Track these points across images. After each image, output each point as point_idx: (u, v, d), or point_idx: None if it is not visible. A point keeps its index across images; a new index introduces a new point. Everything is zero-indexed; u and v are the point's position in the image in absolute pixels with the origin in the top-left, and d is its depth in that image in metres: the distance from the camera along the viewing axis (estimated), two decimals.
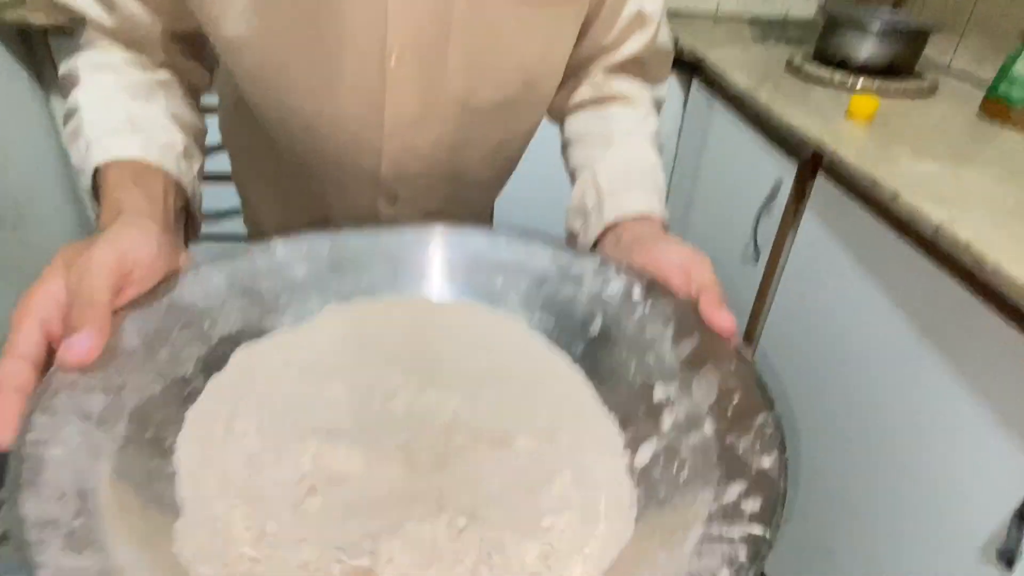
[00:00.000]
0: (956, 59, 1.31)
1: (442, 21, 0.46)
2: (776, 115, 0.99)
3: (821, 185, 0.94)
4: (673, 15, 1.73)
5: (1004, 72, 0.99)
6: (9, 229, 1.31)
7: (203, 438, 0.32)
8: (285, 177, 0.61)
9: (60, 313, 0.30)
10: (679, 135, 1.49)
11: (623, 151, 0.53)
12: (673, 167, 1.50)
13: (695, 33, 1.48)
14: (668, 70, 0.61)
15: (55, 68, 1.27)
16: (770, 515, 0.26)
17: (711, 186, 1.34)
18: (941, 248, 0.68)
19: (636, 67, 0.57)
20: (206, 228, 0.49)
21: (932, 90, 1.14)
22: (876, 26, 1.10)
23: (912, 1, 1.47)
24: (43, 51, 1.28)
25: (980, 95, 1.06)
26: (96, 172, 0.41)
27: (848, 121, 0.96)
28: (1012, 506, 0.62)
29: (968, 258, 0.63)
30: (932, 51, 1.35)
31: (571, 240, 0.53)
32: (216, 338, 0.36)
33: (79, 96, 0.45)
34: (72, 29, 0.48)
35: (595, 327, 0.40)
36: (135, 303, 0.33)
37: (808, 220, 0.96)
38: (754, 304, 1.12)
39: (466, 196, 0.61)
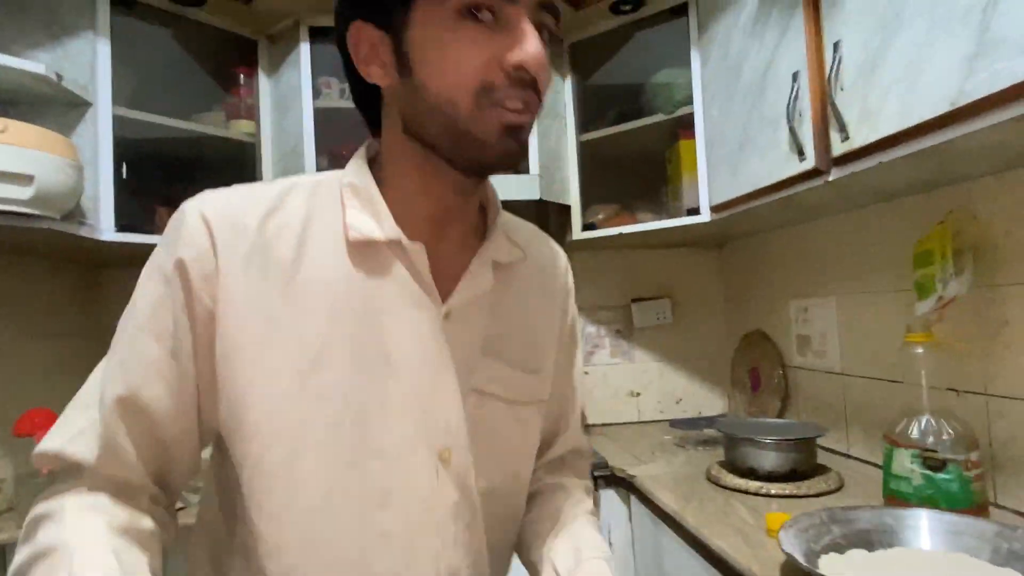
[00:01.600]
0: (852, 448, 1.48)
1: (472, 423, 0.59)
2: (706, 539, 1.06)
3: None
4: (600, 429, 1.94)
5: (887, 471, 1.12)
6: None
7: None
8: None
9: None
10: (633, 549, 1.52)
11: (570, 536, 0.68)
12: None
13: (622, 450, 1.65)
14: (588, 466, 0.82)
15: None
16: None
17: None
18: None
19: (563, 465, 0.78)
20: None
21: (839, 486, 1.25)
22: (768, 442, 1.27)
23: (792, 407, 1.71)
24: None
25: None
26: None
27: (770, 538, 1.02)
28: None
29: None
30: (831, 441, 1.53)
31: None
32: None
33: (65, 535, 0.49)
34: (53, 476, 0.54)
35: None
36: None
37: None
38: None
39: None
